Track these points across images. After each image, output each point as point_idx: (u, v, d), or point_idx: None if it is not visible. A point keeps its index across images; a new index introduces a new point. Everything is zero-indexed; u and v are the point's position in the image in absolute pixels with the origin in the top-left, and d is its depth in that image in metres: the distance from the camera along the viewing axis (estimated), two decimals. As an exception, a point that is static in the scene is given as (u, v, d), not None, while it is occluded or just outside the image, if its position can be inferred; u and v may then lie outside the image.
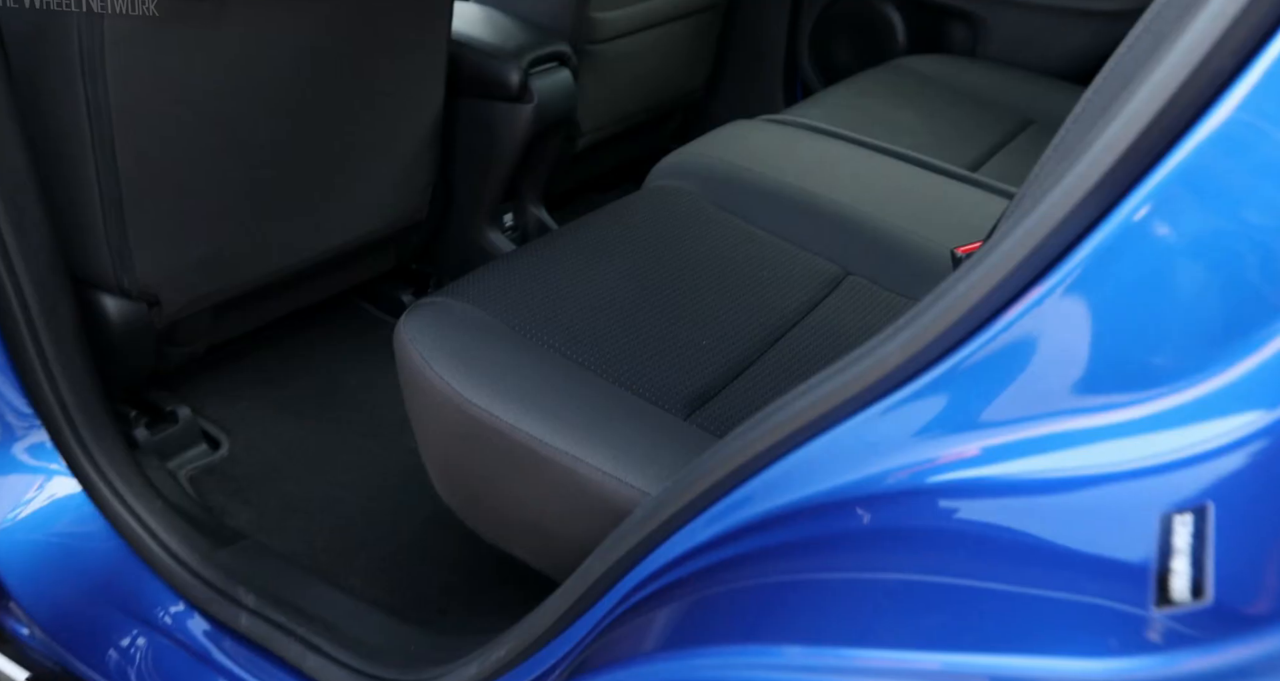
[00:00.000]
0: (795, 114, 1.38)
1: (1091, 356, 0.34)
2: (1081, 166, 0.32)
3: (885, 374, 0.39)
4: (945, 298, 0.36)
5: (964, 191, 1.20)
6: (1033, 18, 1.59)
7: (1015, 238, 0.34)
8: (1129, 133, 0.31)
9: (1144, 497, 0.30)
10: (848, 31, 1.83)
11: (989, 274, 0.35)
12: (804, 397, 0.43)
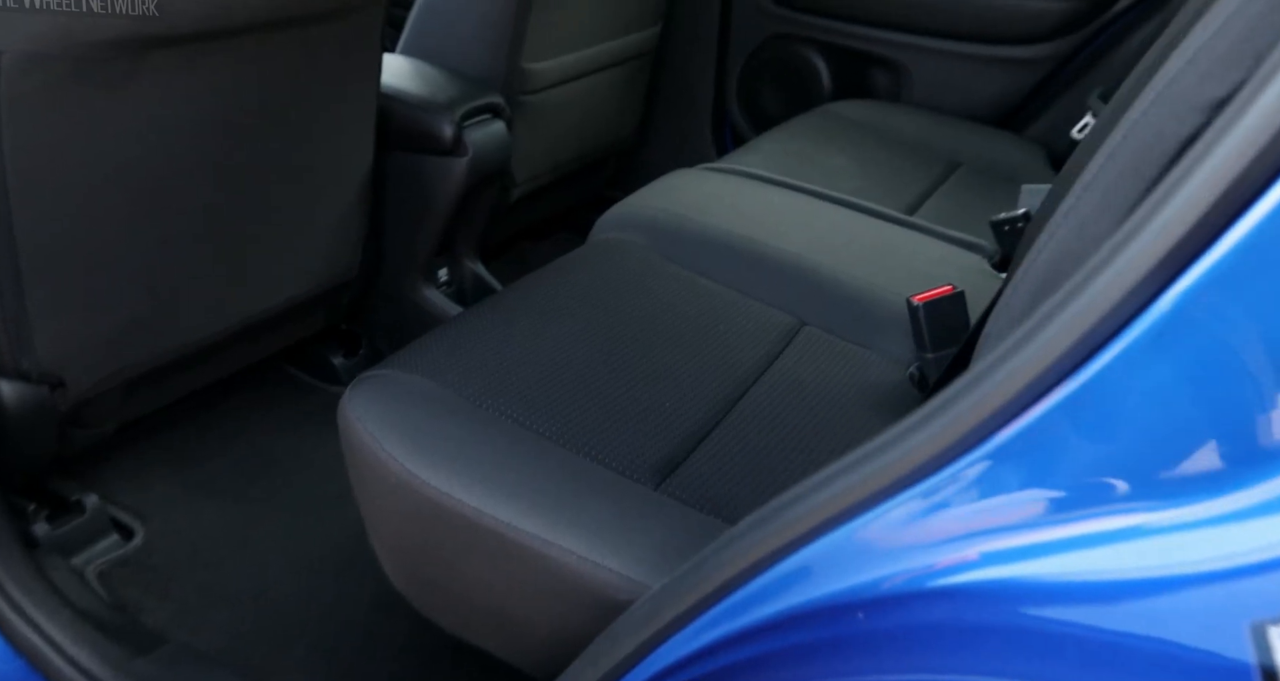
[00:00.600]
0: (733, 162, 1.38)
1: (1160, 441, 0.31)
2: (1137, 245, 0.30)
3: (917, 464, 0.36)
4: (986, 381, 0.34)
5: (905, 236, 1.21)
6: (952, 65, 1.64)
7: (1062, 321, 0.32)
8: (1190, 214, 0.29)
9: (1230, 602, 0.28)
10: (774, 78, 1.86)
11: (1047, 348, 0.32)
12: (822, 491, 0.40)
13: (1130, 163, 0.36)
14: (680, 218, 1.15)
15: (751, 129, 1.91)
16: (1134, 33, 1.45)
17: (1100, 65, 1.51)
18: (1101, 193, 0.38)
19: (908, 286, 1.04)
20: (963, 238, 1.21)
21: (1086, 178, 0.39)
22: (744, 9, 1.83)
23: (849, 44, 1.75)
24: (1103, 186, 0.38)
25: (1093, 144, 0.92)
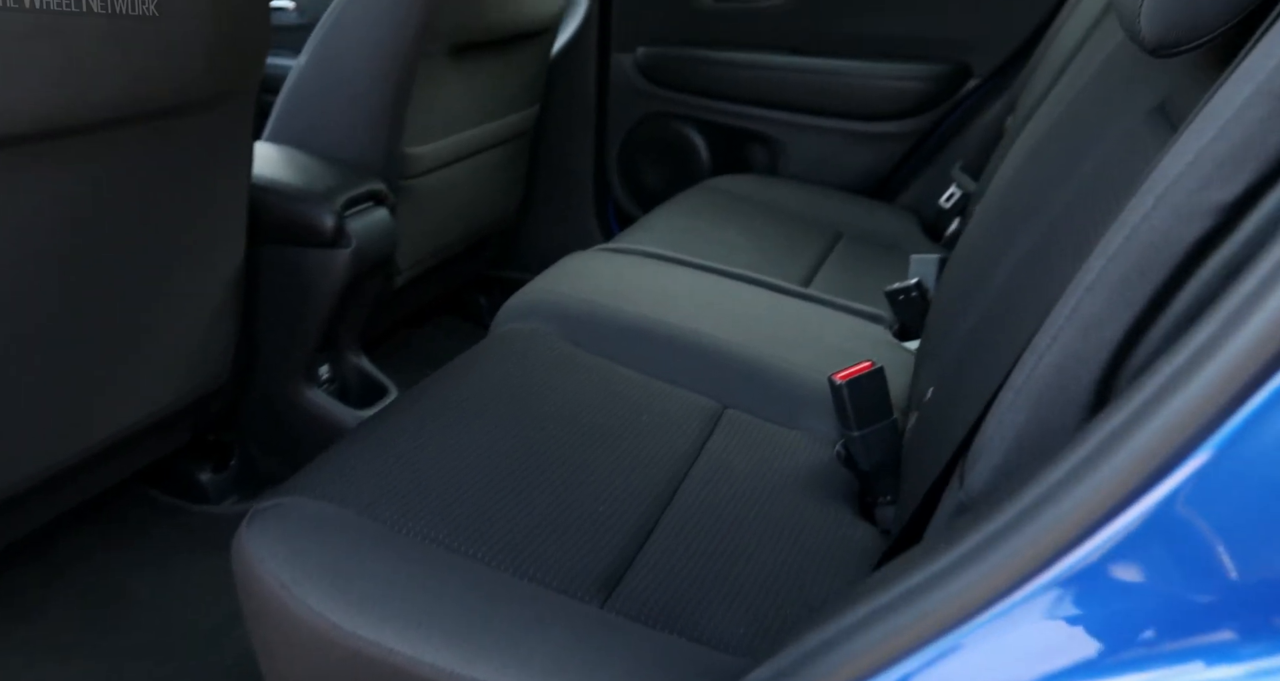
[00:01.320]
0: (630, 241, 1.36)
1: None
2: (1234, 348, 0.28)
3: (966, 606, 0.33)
4: (1045, 513, 0.31)
5: (809, 310, 1.22)
6: (825, 140, 1.72)
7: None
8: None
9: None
10: (654, 154, 1.89)
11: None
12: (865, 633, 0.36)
13: (1136, 265, 0.36)
14: (588, 303, 1.12)
15: (634, 204, 1.92)
16: (986, 109, 1.57)
17: (958, 139, 1.61)
18: (1107, 295, 0.37)
19: (823, 362, 1.05)
20: (862, 309, 1.23)
21: (1088, 279, 0.38)
22: (620, 88, 1.85)
23: (725, 121, 1.80)
24: (1108, 288, 0.37)
25: (986, 217, 0.96)
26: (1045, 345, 0.39)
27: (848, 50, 1.64)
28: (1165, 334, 0.36)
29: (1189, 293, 0.35)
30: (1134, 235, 0.36)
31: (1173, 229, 0.34)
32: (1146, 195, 0.36)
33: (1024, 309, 0.66)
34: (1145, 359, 0.37)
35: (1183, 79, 0.64)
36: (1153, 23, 0.47)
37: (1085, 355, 0.38)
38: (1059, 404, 0.39)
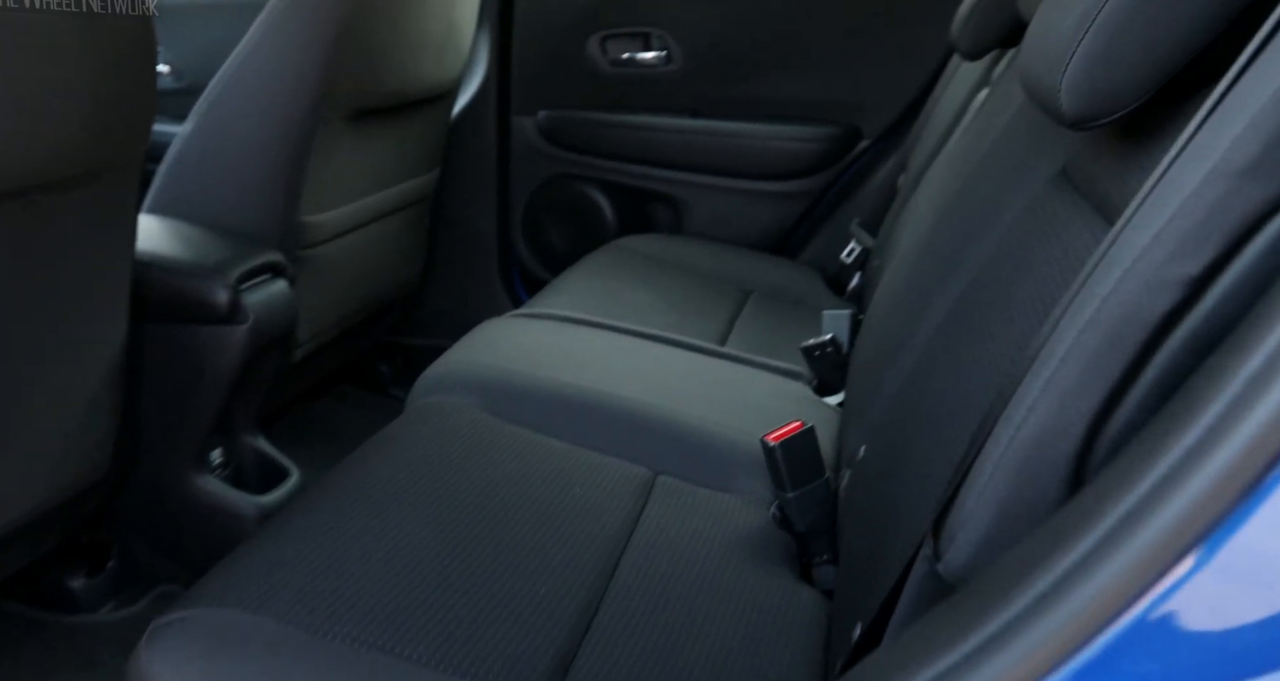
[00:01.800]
0: (544, 306, 1.34)
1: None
2: None
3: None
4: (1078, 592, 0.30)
5: (730, 369, 1.23)
6: (727, 199, 1.76)
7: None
8: None
9: None
10: (559, 216, 1.88)
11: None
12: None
13: (1109, 337, 0.37)
14: (508, 372, 1.08)
15: (541, 266, 1.90)
16: (878, 169, 1.64)
17: (854, 196, 1.68)
18: (1082, 367, 0.38)
19: (751, 422, 1.04)
20: (780, 366, 1.25)
21: (1060, 349, 0.38)
22: (522, 150, 1.85)
23: (629, 181, 1.82)
24: (1082, 360, 0.38)
25: (901, 276, 0.99)
26: (1021, 416, 0.39)
27: (745, 113, 1.69)
28: (1138, 403, 0.37)
29: (1158, 363, 0.36)
30: (1104, 306, 0.37)
31: (1143, 301, 0.35)
32: (1111, 268, 0.37)
33: (958, 371, 0.68)
34: (1119, 429, 0.37)
35: (1081, 144, 0.68)
36: (1073, 99, 0.50)
37: (1062, 426, 0.38)
38: (1039, 476, 0.39)
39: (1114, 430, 0.37)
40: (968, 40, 1.12)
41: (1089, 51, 0.48)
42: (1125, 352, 0.36)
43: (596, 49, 1.74)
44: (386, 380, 1.92)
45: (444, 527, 0.81)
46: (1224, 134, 0.32)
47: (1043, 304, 0.56)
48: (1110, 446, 0.38)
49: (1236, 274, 0.33)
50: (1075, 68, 0.49)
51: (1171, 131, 0.49)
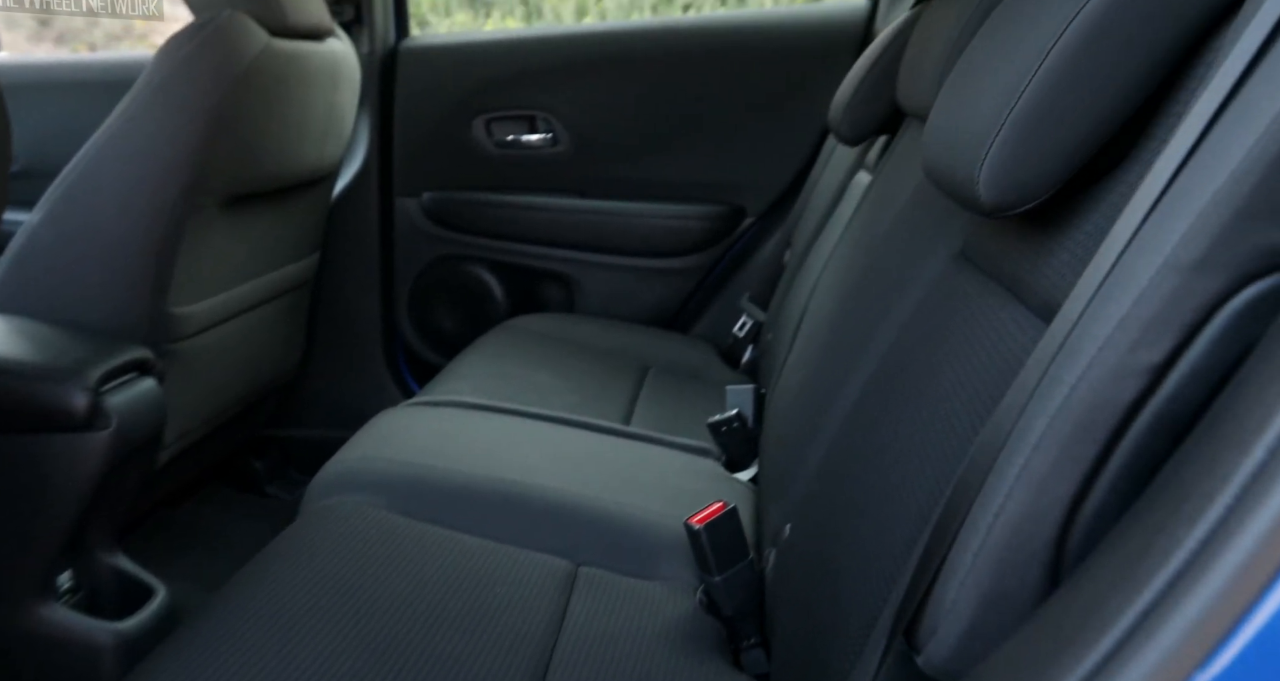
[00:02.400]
0: (443, 393, 1.29)
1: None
2: None
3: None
4: None
5: (640, 450, 1.21)
6: (618, 276, 1.77)
7: None
8: None
9: None
10: (447, 297, 1.84)
11: None
12: None
13: (1080, 423, 0.38)
14: (413, 466, 1.03)
15: (429, 350, 1.84)
16: (763, 245, 1.71)
17: (741, 272, 1.74)
18: (1055, 454, 0.39)
19: (669, 505, 1.03)
20: (689, 443, 1.25)
21: (1031, 437, 0.40)
22: (407, 232, 1.80)
23: (519, 261, 1.80)
24: (1055, 447, 0.39)
25: (809, 353, 1.02)
26: (998, 504, 0.40)
27: (632, 193, 1.73)
28: (1109, 487, 0.38)
29: (1126, 448, 0.38)
30: (1074, 394, 0.38)
31: (1111, 389, 0.37)
32: (1076, 355, 0.38)
33: (886, 453, 0.69)
34: (1093, 513, 0.39)
35: (978, 225, 0.72)
36: (991, 190, 0.53)
37: (1040, 513, 0.39)
38: (1020, 564, 0.39)
39: (1088, 514, 0.39)
40: (848, 128, 1.20)
41: (1005, 146, 0.52)
42: (1096, 439, 0.38)
43: (482, 131, 1.74)
44: (261, 477, 1.79)
45: (358, 643, 0.75)
46: (1172, 229, 0.35)
47: (970, 386, 0.59)
48: (1085, 530, 0.39)
49: (1191, 361, 0.35)
50: (993, 161, 0.52)
51: (1075, 215, 0.53)
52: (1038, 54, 0.50)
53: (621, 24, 1.77)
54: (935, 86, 0.84)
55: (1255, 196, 0.33)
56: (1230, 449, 0.29)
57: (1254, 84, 0.34)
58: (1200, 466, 0.31)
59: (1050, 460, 0.39)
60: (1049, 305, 0.54)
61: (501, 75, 1.70)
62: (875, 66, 1.16)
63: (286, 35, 1.32)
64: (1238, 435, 0.29)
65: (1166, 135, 0.48)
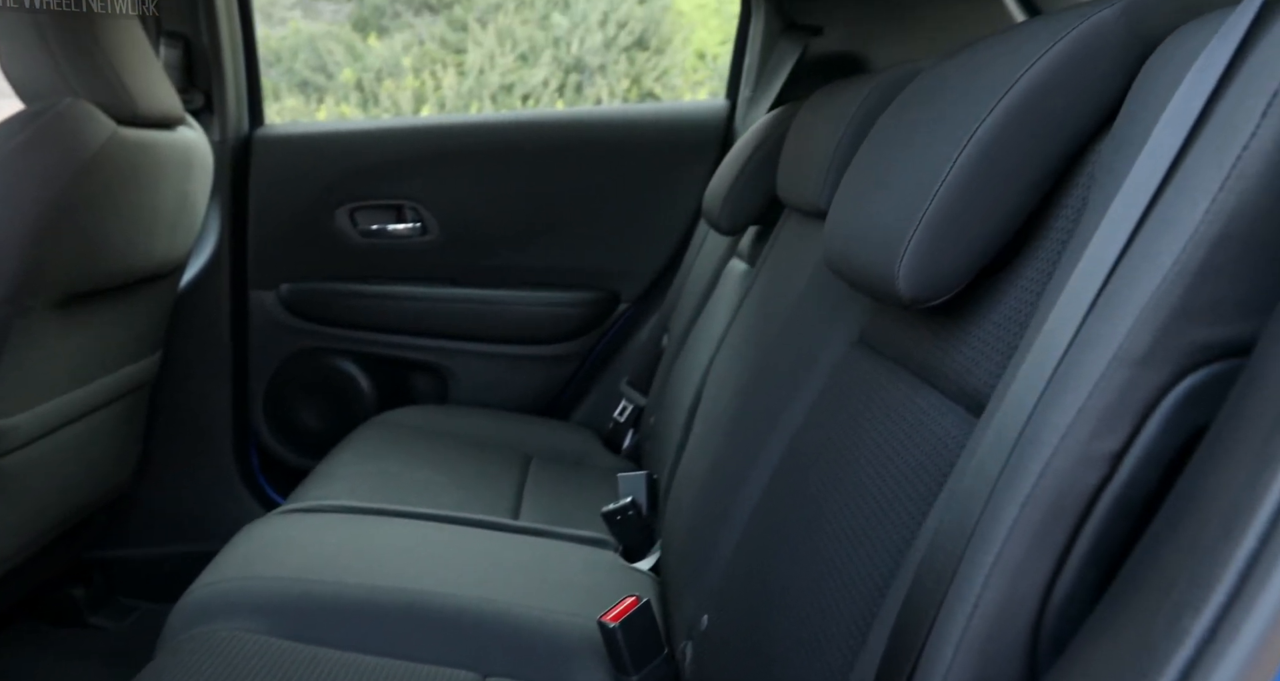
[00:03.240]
0: (317, 497, 1.20)
1: None
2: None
3: None
4: None
5: (533, 544, 1.17)
6: (493, 365, 1.74)
7: None
8: None
9: None
10: (309, 393, 1.73)
11: None
12: None
13: (1050, 511, 0.41)
14: (295, 583, 0.94)
15: (290, 451, 1.72)
16: (639, 330, 1.73)
17: (619, 357, 1.75)
18: (1028, 542, 0.41)
19: (574, 603, 0.99)
20: (583, 535, 1.22)
21: (1002, 527, 0.41)
22: (262, 326, 1.70)
23: (387, 352, 1.73)
24: (1028, 535, 0.41)
25: (711, 440, 1.03)
26: (976, 594, 0.41)
27: (506, 280, 1.71)
28: (1077, 571, 0.41)
29: (1089, 532, 0.40)
30: (1041, 482, 0.40)
31: (1076, 476, 0.40)
32: (1038, 445, 0.41)
33: (810, 541, 0.70)
34: (1063, 597, 0.41)
35: (876, 312, 0.77)
36: (910, 285, 0.57)
37: (1018, 601, 0.41)
38: (1002, 653, 0.41)
39: (1059, 599, 0.41)
40: (726, 219, 1.26)
41: (921, 244, 0.56)
42: (1065, 525, 0.40)
43: (346, 220, 1.69)
44: (81, 606, 1.57)
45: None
46: (1117, 326, 0.39)
47: (897, 471, 0.61)
48: (1058, 615, 0.41)
49: (1143, 448, 0.39)
50: (911, 258, 0.56)
51: (979, 305, 0.58)
52: (945, 161, 0.55)
53: (492, 116, 1.80)
54: (823, 184, 0.90)
55: (1187, 298, 0.37)
56: (1209, 533, 0.31)
57: (1170, 197, 0.39)
58: (1180, 552, 0.33)
59: (1025, 547, 0.41)
60: (965, 391, 0.57)
61: (367, 164, 1.67)
62: (749, 162, 1.23)
63: (135, 124, 1.24)
64: (1218, 520, 0.32)
65: (1061, 233, 0.53)
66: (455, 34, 6.47)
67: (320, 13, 6.71)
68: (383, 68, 6.41)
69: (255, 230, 1.67)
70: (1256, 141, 0.36)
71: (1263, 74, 0.36)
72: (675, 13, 6.54)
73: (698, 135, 1.66)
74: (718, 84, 6.27)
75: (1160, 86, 0.46)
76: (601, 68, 6.34)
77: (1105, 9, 0.52)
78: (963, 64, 0.64)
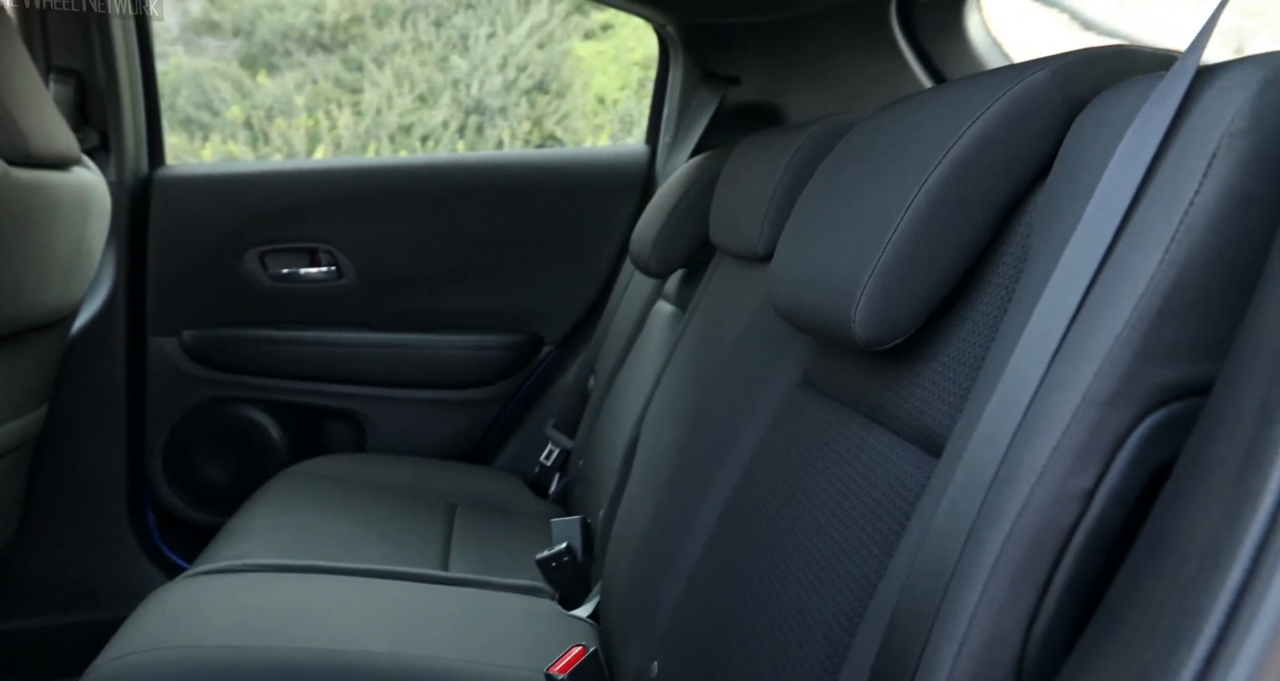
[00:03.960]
0: (233, 556, 1.13)
1: None
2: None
3: None
4: None
5: (467, 596, 1.13)
6: (414, 411, 1.69)
7: None
8: None
9: None
10: (214, 445, 1.64)
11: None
12: None
13: (1030, 548, 0.42)
14: (215, 652, 0.88)
15: (193, 507, 1.62)
16: (564, 372, 1.72)
17: (544, 400, 1.73)
18: (1011, 579, 0.42)
19: (518, 655, 0.96)
20: (518, 583, 1.19)
21: (985, 563, 0.43)
22: (162, 374, 1.60)
23: (301, 400, 1.66)
24: (1010, 572, 0.42)
25: (653, 483, 1.03)
26: (963, 631, 0.42)
27: (425, 324, 1.68)
28: (1055, 606, 0.43)
29: (1066, 568, 0.43)
30: (1020, 520, 0.42)
31: (1054, 514, 0.42)
32: (1015, 483, 0.43)
33: (766, 583, 0.71)
34: (1043, 632, 0.43)
35: (819, 353, 0.79)
36: (865, 328, 0.59)
37: (1002, 638, 0.42)
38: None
39: (1039, 634, 0.42)
40: (656, 263, 1.27)
41: (876, 290, 0.58)
42: (1045, 561, 0.42)
43: (256, 264, 1.62)
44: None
45: None
46: (1084, 369, 0.41)
47: (853, 511, 0.62)
48: (1039, 650, 0.43)
49: (1112, 485, 0.41)
50: (866, 303, 0.59)
51: (926, 348, 0.61)
52: (896, 210, 0.58)
53: (409, 158, 1.77)
54: (759, 229, 0.93)
55: (1148, 342, 0.40)
56: (1192, 566, 0.34)
57: (1124, 248, 0.42)
58: (1163, 584, 0.36)
59: (1008, 584, 0.42)
60: (920, 431, 0.59)
61: (278, 207, 1.61)
62: (678, 207, 1.26)
63: (28, 164, 1.17)
64: (1200, 554, 0.34)
65: (1004, 278, 0.57)
66: (350, 74, 6.37)
67: (204, 48, 6.49)
68: (274, 106, 6.24)
69: (155, 274, 1.58)
70: (1200, 198, 0.39)
71: (1199, 138, 0.40)
72: (575, 58, 6.65)
73: (619, 179, 1.68)
74: (618, 127, 6.39)
75: (1096, 143, 0.50)
76: (502, 110, 6.37)
77: (1036, 72, 0.56)
78: (900, 119, 0.68)
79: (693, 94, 1.58)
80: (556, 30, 6.60)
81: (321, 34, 6.47)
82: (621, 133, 6.23)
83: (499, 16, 6.45)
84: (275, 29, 6.43)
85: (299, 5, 6.38)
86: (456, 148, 6.10)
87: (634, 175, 1.68)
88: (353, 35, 6.44)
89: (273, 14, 6.41)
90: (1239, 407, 0.35)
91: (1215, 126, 0.40)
